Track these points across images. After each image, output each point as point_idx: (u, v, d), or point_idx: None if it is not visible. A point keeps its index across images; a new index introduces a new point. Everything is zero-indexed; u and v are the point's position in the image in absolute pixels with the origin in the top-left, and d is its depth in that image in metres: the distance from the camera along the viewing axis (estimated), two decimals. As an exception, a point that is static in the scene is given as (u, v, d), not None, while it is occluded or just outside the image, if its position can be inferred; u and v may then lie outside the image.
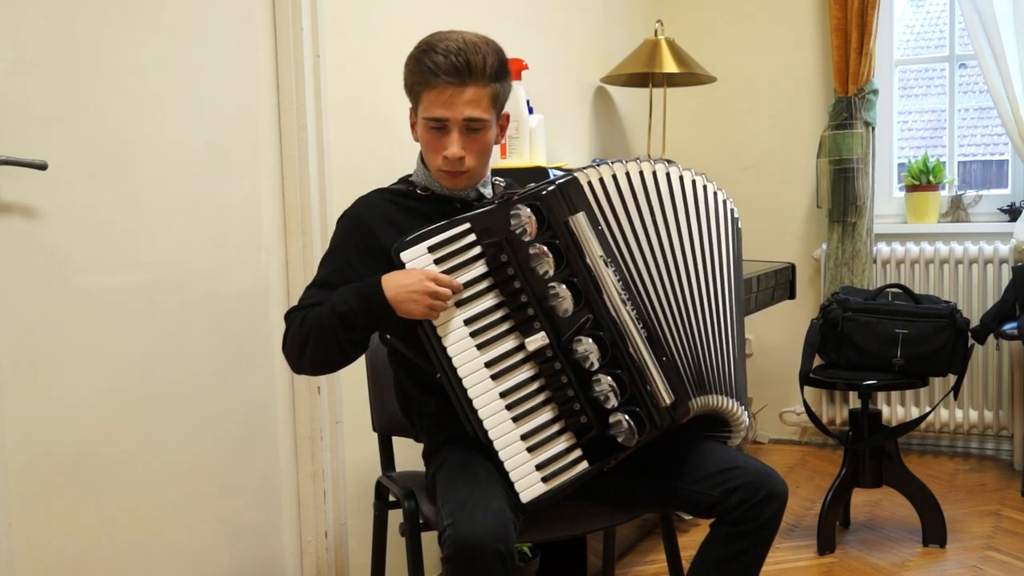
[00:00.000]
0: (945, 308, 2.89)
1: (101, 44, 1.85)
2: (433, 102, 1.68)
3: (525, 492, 1.62)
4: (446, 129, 1.69)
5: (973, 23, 3.55)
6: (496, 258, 1.65)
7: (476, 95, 1.67)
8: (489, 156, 1.77)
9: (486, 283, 1.66)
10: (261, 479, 2.23)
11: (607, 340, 1.63)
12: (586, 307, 1.64)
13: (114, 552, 1.88)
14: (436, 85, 1.66)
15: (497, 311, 1.66)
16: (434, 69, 1.66)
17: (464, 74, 1.65)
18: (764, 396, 4.10)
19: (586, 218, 1.65)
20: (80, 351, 1.81)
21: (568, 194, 1.66)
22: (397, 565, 2.29)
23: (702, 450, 1.76)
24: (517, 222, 1.64)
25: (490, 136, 1.74)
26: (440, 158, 1.72)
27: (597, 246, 1.65)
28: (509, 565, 1.50)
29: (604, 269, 1.64)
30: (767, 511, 1.66)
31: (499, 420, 1.63)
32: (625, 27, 3.88)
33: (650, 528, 2.99)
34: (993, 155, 4.33)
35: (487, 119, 1.70)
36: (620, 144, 3.91)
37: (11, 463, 1.69)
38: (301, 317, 1.72)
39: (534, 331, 1.64)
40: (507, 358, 1.65)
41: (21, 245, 1.71)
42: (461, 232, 1.66)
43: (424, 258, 1.65)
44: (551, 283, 1.63)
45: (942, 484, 3.46)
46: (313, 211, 2.26)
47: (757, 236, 4.03)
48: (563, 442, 1.65)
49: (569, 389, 1.64)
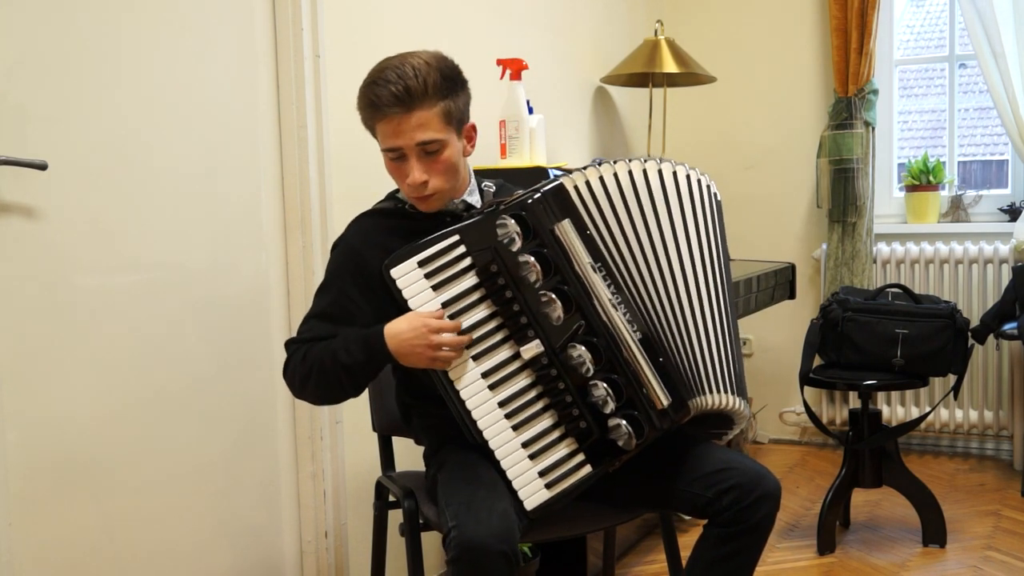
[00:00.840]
0: (945, 308, 2.89)
1: (101, 44, 1.85)
2: (385, 134, 1.69)
3: (529, 499, 1.62)
4: (404, 157, 1.69)
5: (973, 23, 3.55)
6: (486, 269, 1.65)
7: (423, 118, 1.66)
8: (456, 172, 1.74)
9: (478, 294, 1.66)
10: (261, 479, 2.23)
11: (600, 346, 1.63)
12: (578, 313, 1.63)
13: (114, 552, 1.88)
14: (383, 117, 1.67)
15: (491, 321, 1.66)
16: (377, 102, 1.66)
17: (405, 101, 1.64)
18: (764, 396, 4.10)
19: (572, 225, 1.64)
20: (80, 351, 1.81)
21: (553, 201, 1.65)
22: (397, 565, 2.29)
23: (698, 451, 1.76)
24: (504, 232, 1.64)
25: (451, 153, 1.71)
26: (405, 185, 1.72)
27: (585, 253, 1.64)
28: (514, 566, 1.50)
29: (593, 275, 1.64)
30: (759, 512, 1.66)
31: (499, 429, 1.64)
32: (625, 27, 3.88)
33: (650, 528, 2.99)
34: (993, 155, 4.33)
35: (441, 138, 1.68)
36: (620, 144, 3.91)
37: (11, 463, 1.69)
38: (303, 352, 1.72)
39: (528, 339, 1.64)
40: (503, 367, 1.65)
41: (21, 245, 1.71)
42: (450, 245, 1.66)
43: (414, 273, 1.65)
44: (542, 291, 1.63)
45: (942, 484, 3.46)
46: (313, 211, 2.26)
47: (757, 236, 4.03)
48: (564, 448, 1.65)
49: (567, 395, 1.64)
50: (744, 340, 4.15)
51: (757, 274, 3.13)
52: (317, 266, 2.26)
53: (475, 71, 2.77)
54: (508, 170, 2.59)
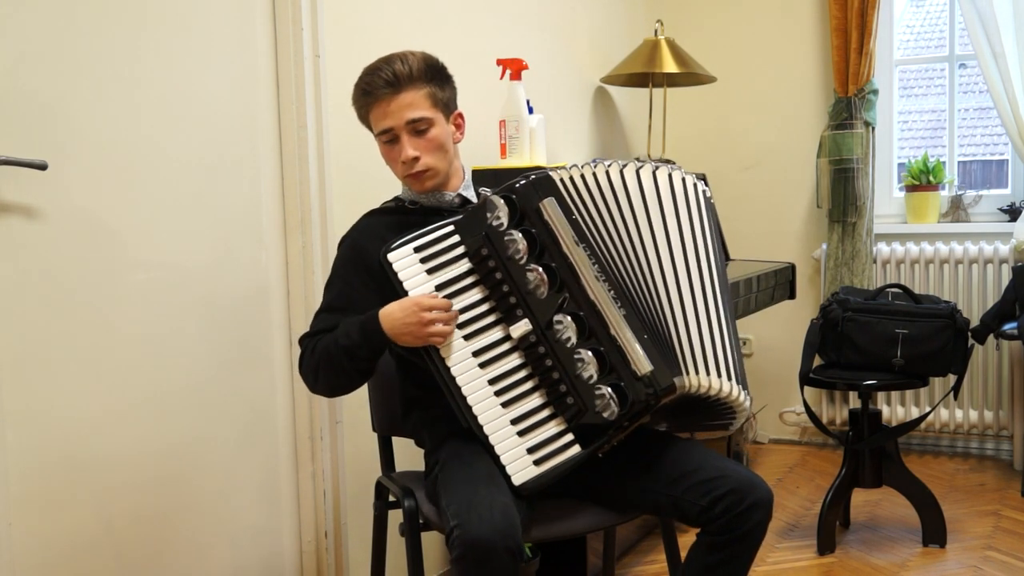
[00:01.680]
0: (945, 308, 2.89)
1: (101, 44, 1.85)
2: (377, 117, 1.81)
3: (517, 475, 1.65)
4: (396, 138, 1.81)
5: (973, 23, 3.55)
6: (478, 253, 1.73)
7: (411, 98, 1.78)
8: (448, 153, 1.85)
9: (470, 279, 1.75)
10: (261, 479, 2.23)
11: (585, 318, 1.66)
12: (564, 288, 1.68)
13: (114, 552, 1.88)
14: (375, 101, 1.80)
15: (482, 304, 1.74)
16: (368, 89, 1.80)
17: (395, 83, 1.78)
18: (764, 396, 4.10)
19: (556, 203, 1.70)
20: (80, 351, 1.81)
21: (541, 185, 1.73)
22: (397, 565, 2.29)
23: (693, 458, 1.76)
24: (492, 214, 1.72)
25: (439, 132, 1.82)
26: (399, 165, 1.83)
27: (569, 229, 1.69)
28: (518, 562, 1.52)
29: (576, 250, 1.68)
30: (751, 520, 1.66)
31: (488, 406, 1.69)
32: (625, 27, 3.89)
33: (650, 528, 2.99)
34: (993, 155, 4.33)
35: (430, 116, 1.80)
36: (620, 144, 3.91)
37: (11, 463, 1.69)
38: (313, 345, 1.81)
39: (517, 318, 1.70)
40: (494, 347, 1.72)
41: (21, 245, 1.71)
42: (445, 234, 1.76)
43: (410, 258, 1.74)
44: (528, 269, 1.69)
45: (942, 484, 3.46)
46: (313, 211, 2.26)
47: (757, 236, 4.03)
48: (553, 427, 1.68)
49: (555, 372, 1.67)
50: (744, 340, 4.15)
51: (757, 274, 3.13)
52: (317, 266, 2.26)
53: (475, 71, 2.78)
54: (508, 170, 2.59)
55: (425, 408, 1.88)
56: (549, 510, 1.76)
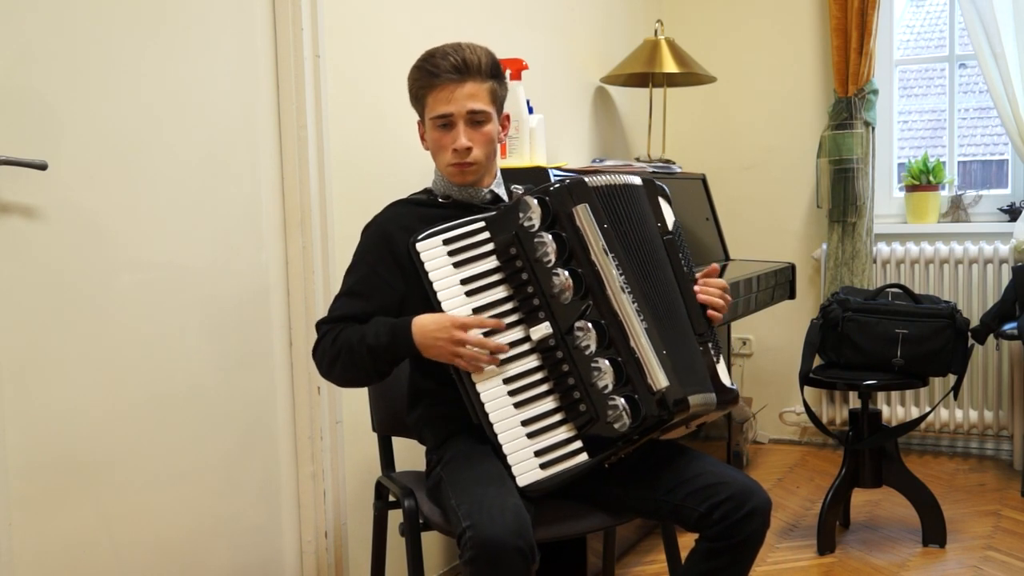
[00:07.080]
0: (945, 308, 2.89)
1: (101, 45, 1.85)
2: (437, 101, 1.79)
3: (522, 476, 1.66)
4: (452, 124, 1.80)
5: (973, 23, 3.55)
6: (506, 251, 1.73)
7: (475, 89, 1.79)
8: (495, 150, 1.86)
9: (496, 276, 1.74)
10: (261, 479, 2.23)
11: (607, 327, 1.66)
12: (588, 295, 1.67)
13: (114, 552, 1.88)
14: (438, 85, 1.78)
15: (506, 303, 1.73)
16: (434, 71, 1.78)
17: (463, 71, 1.77)
18: (764, 396, 4.10)
19: (589, 210, 1.71)
20: (80, 351, 1.81)
21: (575, 191, 1.73)
22: (397, 565, 2.29)
23: (692, 464, 1.76)
24: (525, 214, 1.71)
25: (493, 128, 1.83)
26: (449, 152, 1.82)
27: (600, 237, 1.70)
28: (530, 562, 1.51)
29: (605, 258, 1.69)
30: (749, 527, 1.67)
31: (501, 404, 1.69)
32: (625, 27, 3.88)
33: (650, 528, 2.99)
34: (993, 155, 4.33)
35: (489, 111, 1.81)
36: (620, 144, 3.91)
37: (11, 463, 1.69)
38: (335, 334, 1.79)
39: (539, 320, 1.70)
40: (513, 347, 1.71)
41: (21, 245, 1.71)
42: (475, 229, 1.76)
43: (438, 249, 1.74)
44: (555, 273, 1.68)
45: (942, 484, 3.46)
46: (313, 211, 2.26)
47: (757, 236, 4.03)
48: (564, 432, 1.68)
49: (570, 378, 1.67)
50: (744, 340, 4.15)
51: (757, 274, 3.13)
52: (317, 266, 2.26)
53: (475, 71, 2.78)
54: (508, 170, 2.59)
55: (432, 403, 1.88)
56: (549, 511, 1.76)
